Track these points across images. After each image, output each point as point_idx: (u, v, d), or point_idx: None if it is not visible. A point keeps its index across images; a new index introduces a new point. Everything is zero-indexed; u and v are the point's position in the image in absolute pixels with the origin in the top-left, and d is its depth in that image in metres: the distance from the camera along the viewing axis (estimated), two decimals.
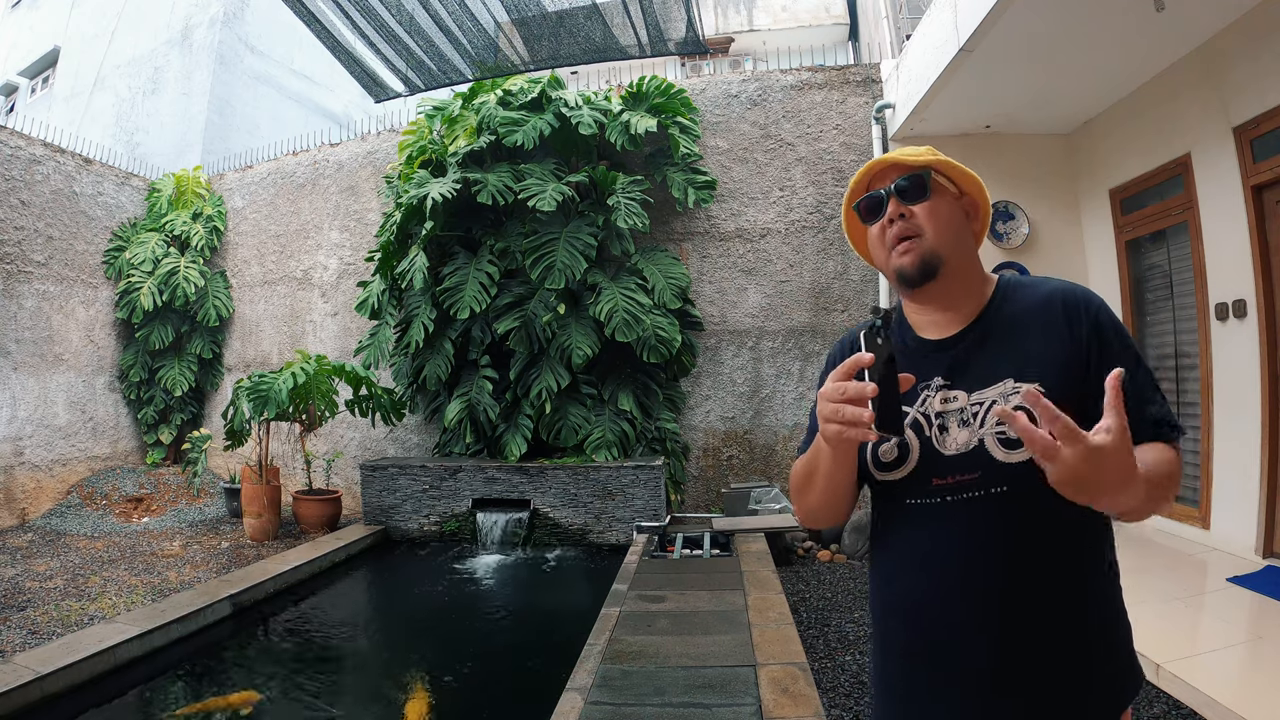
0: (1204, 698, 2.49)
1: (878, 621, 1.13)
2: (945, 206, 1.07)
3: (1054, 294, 1.04)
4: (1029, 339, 1.02)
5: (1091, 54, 4.25)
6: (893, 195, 1.07)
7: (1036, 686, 0.96)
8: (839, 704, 2.83)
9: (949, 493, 1.00)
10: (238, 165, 8.48)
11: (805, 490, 1.10)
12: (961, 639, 0.98)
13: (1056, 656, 0.96)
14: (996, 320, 1.06)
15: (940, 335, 1.08)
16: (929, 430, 1.03)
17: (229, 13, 10.20)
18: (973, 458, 0.98)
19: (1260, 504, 3.82)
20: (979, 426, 0.99)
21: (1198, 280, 4.32)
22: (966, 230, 1.10)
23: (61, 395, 7.13)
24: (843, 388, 0.89)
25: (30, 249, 6.86)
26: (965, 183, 1.10)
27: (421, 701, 3.07)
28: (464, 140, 5.99)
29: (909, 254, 1.05)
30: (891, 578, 1.09)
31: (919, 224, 1.05)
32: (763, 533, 4.93)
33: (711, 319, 6.33)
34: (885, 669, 1.11)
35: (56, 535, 6.07)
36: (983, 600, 0.97)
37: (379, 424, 6.76)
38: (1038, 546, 0.96)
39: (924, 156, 1.09)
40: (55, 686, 2.96)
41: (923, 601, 1.03)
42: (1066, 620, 0.97)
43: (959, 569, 0.99)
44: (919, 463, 1.03)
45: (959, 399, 1.02)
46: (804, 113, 6.29)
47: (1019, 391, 0.97)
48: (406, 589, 4.93)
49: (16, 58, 12.95)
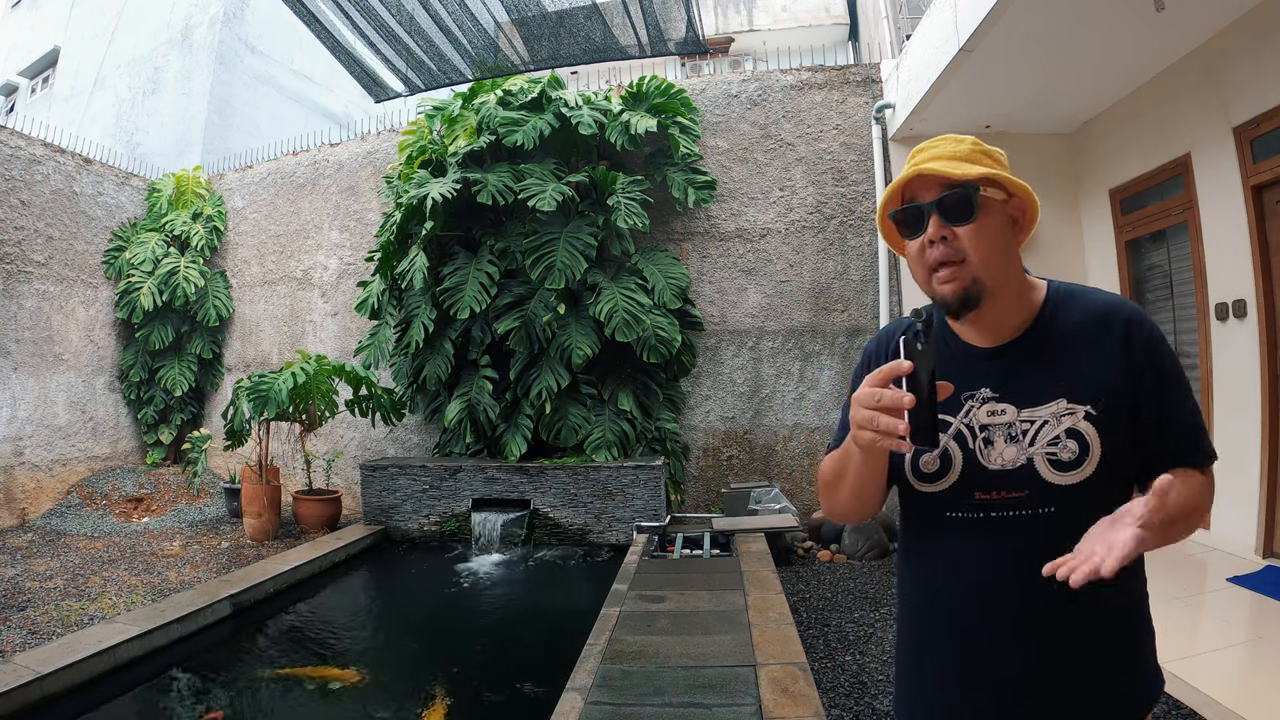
0: (1204, 698, 2.49)
1: (908, 624, 1.12)
2: (992, 225, 0.98)
3: (1111, 313, 1.00)
4: (1081, 358, 0.98)
5: (1091, 54, 4.25)
6: (933, 213, 0.99)
7: (1068, 698, 0.97)
8: (839, 704, 2.83)
9: (993, 508, 0.98)
10: (238, 165, 8.47)
11: (834, 489, 1.09)
12: (998, 650, 0.99)
13: (1090, 671, 0.97)
14: (1049, 333, 1.01)
15: (987, 343, 1.03)
16: (973, 443, 1.00)
17: (229, 13, 10.20)
18: (1020, 475, 0.97)
19: (1260, 504, 3.82)
20: (1028, 445, 0.97)
21: (1198, 280, 4.32)
22: (1012, 242, 1.02)
23: (61, 395, 7.13)
24: (878, 394, 0.86)
25: (30, 249, 6.86)
26: (1014, 186, 1.01)
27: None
28: (464, 140, 5.99)
29: (950, 283, 0.98)
30: (926, 582, 1.08)
31: (963, 247, 0.97)
32: (763, 533, 4.93)
33: (711, 319, 6.33)
34: (913, 671, 1.11)
35: (56, 535, 6.07)
36: (1024, 616, 0.97)
37: (379, 424, 6.76)
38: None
39: (971, 167, 0.98)
40: (55, 686, 2.96)
41: (960, 610, 1.02)
42: (1103, 637, 0.98)
43: (1002, 583, 0.98)
44: (961, 475, 1.00)
45: (1007, 413, 0.98)
46: (804, 113, 6.29)
47: (1072, 413, 0.95)
48: (406, 589, 4.93)
49: (16, 58, 12.95)
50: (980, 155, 1.01)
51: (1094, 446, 0.94)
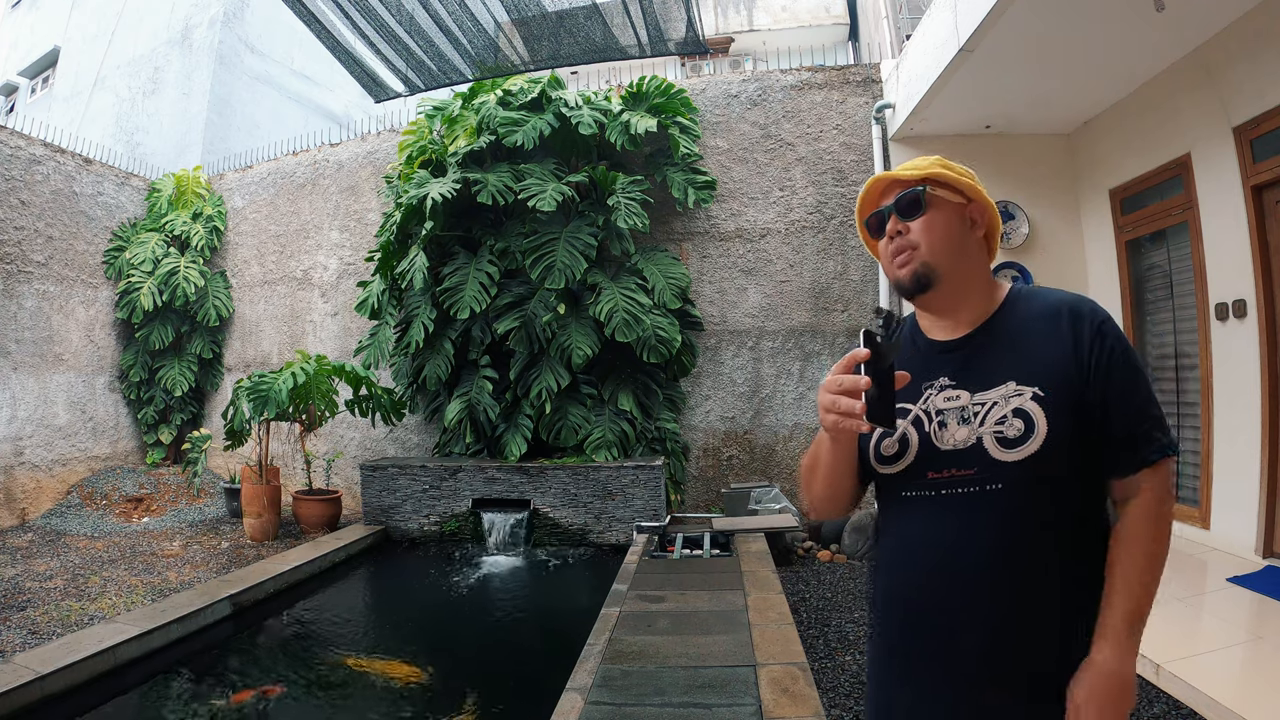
0: (1204, 698, 2.49)
1: (872, 609, 1.18)
2: (942, 219, 1.10)
3: (1060, 304, 1.07)
4: (1032, 345, 1.05)
5: (1091, 54, 4.25)
6: (892, 212, 1.12)
7: (1022, 674, 1.00)
8: (839, 704, 2.83)
9: (944, 486, 1.04)
10: (238, 165, 8.48)
11: (810, 480, 1.18)
12: (950, 626, 1.03)
13: (1044, 647, 1.00)
14: (1003, 326, 1.09)
15: (947, 337, 1.13)
16: (928, 426, 1.07)
17: (229, 13, 10.20)
18: (970, 454, 1.02)
19: (1260, 504, 3.82)
20: (979, 425, 1.03)
21: (1198, 280, 4.32)
22: (968, 238, 1.12)
23: (61, 395, 7.13)
24: (839, 380, 0.96)
25: (30, 249, 6.86)
26: (969, 189, 1.12)
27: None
28: (464, 140, 5.99)
29: (904, 267, 1.11)
30: (886, 566, 1.14)
31: (914, 238, 1.10)
32: (763, 533, 4.93)
33: (711, 319, 6.33)
34: (877, 655, 1.16)
35: (56, 535, 6.07)
36: (973, 589, 1.01)
37: (379, 424, 6.76)
38: (1029, 542, 1.00)
39: (924, 171, 1.11)
40: (55, 686, 2.96)
41: (913, 588, 1.08)
42: (1055, 613, 1.00)
43: (950, 559, 1.03)
44: (916, 457, 1.07)
45: (961, 398, 1.06)
46: (804, 113, 6.29)
47: (1020, 394, 1.01)
48: (406, 589, 4.93)
49: (16, 58, 12.96)
50: (938, 166, 1.12)
51: (1039, 425, 0.98)
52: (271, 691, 3.13)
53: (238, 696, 3.09)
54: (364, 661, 3.47)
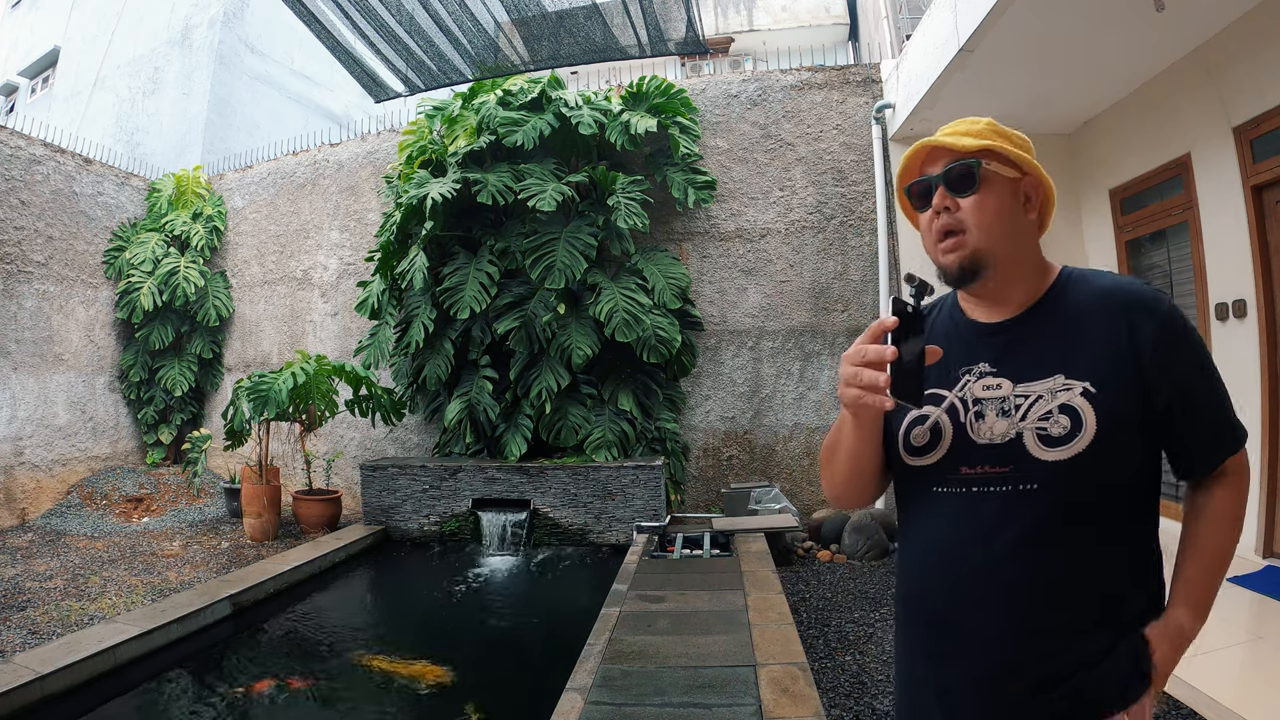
0: (1204, 698, 2.49)
1: (899, 615, 1.11)
2: (996, 198, 0.99)
3: (1116, 291, 0.98)
4: (1086, 335, 0.96)
5: (1091, 54, 4.25)
6: (940, 184, 1.00)
7: (1052, 680, 0.94)
8: (839, 704, 2.82)
9: (975, 484, 0.97)
10: (238, 165, 8.48)
11: (830, 465, 1.09)
12: (981, 636, 0.96)
13: (1079, 653, 0.93)
14: (1054, 311, 1.00)
15: (991, 319, 1.03)
16: (964, 416, 0.99)
17: (229, 13, 10.20)
18: (1007, 450, 0.95)
19: (1260, 504, 3.82)
20: (1019, 419, 0.95)
21: (1198, 280, 4.32)
22: (1021, 219, 1.02)
23: (61, 395, 7.13)
24: (863, 351, 0.86)
25: (30, 249, 6.86)
26: (1025, 165, 1.02)
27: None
28: (464, 140, 5.99)
29: (952, 253, 1.00)
30: (912, 572, 1.06)
31: (964, 219, 0.99)
32: (763, 533, 4.93)
33: (711, 319, 6.33)
34: (904, 669, 1.09)
35: (56, 535, 6.07)
36: (1006, 595, 0.94)
37: (379, 424, 6.76)
38: (1064, 547, 0.93)
39: (978, 140, 0.99)
40: (55, 686, 2.96)
41: (939, 596, 1.00)
42: (1091, 617, 0.94)
43: (980, 563, 0.96)
44: (949, 449, 0.99)
45: (1002, 387, 0.97)
46: (804, 113, 6.29)
47: (1069, 388, 0.93)
48: (406, 589, 4.93)
49: (16, 58, 12.96)
50: (992, 134, 1.01)
51: (1088, 423, 0.91)
52: (294, 684, 3.20)
53: (258, 685, 3.17)
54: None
